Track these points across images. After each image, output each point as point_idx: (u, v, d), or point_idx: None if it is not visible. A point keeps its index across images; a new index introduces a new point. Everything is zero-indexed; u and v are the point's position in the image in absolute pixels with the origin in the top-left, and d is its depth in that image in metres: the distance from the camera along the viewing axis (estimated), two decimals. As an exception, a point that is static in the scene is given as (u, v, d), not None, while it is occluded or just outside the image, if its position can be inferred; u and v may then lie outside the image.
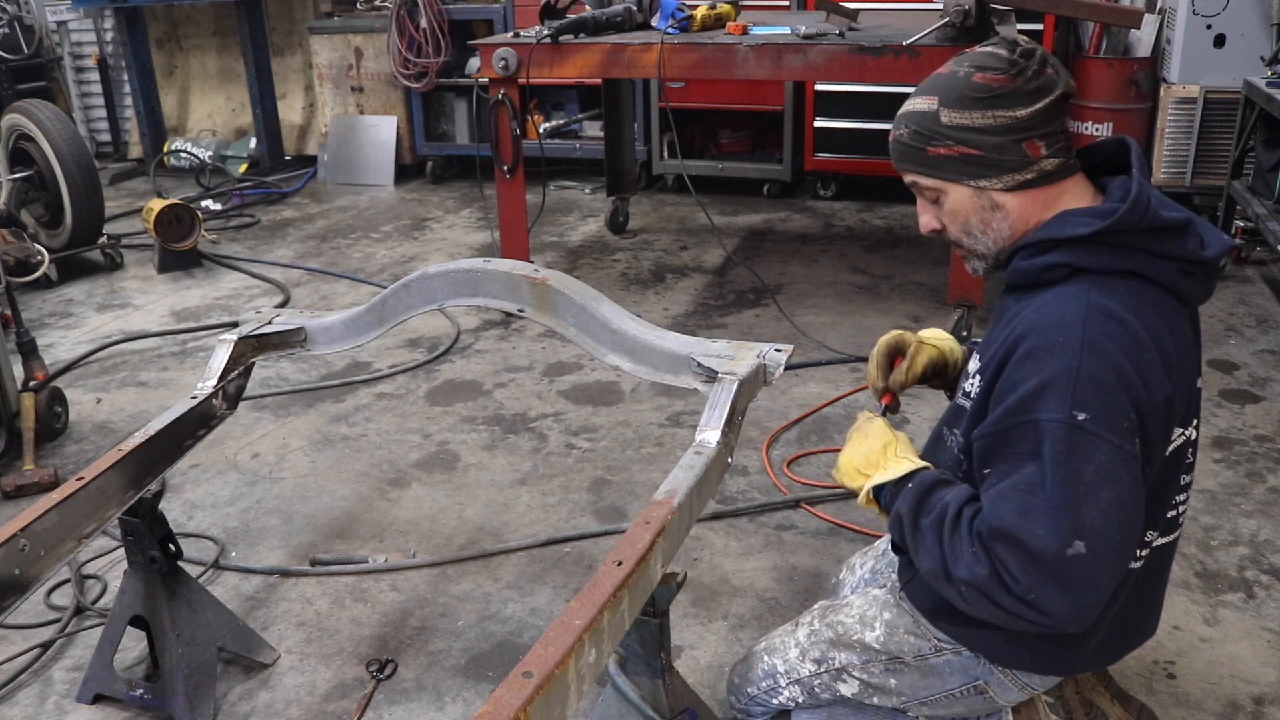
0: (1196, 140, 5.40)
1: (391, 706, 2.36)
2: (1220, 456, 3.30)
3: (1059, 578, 1.38)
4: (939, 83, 1.54)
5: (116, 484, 2.07)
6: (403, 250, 5.67)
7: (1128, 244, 1.46)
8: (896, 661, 1.74)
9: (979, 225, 1.57)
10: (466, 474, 3.35)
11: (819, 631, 1.82)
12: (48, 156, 5.17)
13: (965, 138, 1.50)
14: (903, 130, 1.57)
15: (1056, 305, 1.45)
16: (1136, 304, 1.45)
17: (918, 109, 1.55)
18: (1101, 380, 1.38)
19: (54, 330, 4.65)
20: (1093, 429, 1.37)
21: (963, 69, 1.52)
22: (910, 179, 1.60)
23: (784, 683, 1.82)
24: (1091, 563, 1.38)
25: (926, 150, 1.54)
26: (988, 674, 1.69)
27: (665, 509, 1.64)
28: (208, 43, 7.81)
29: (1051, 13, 5.00)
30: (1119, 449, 1.38)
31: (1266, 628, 2.52)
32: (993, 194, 1.53)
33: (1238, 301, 4.57)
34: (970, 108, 1.49)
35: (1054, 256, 1.48)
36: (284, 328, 2.44)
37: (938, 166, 1.54)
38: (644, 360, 2.06)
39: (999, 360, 1.48)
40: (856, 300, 4.71)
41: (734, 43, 4.01)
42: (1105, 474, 1.38)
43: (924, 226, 1.64)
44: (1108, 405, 1.38)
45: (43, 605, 2.73)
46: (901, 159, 1.60)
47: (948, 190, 1.56)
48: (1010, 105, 1.48)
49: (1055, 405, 1.38)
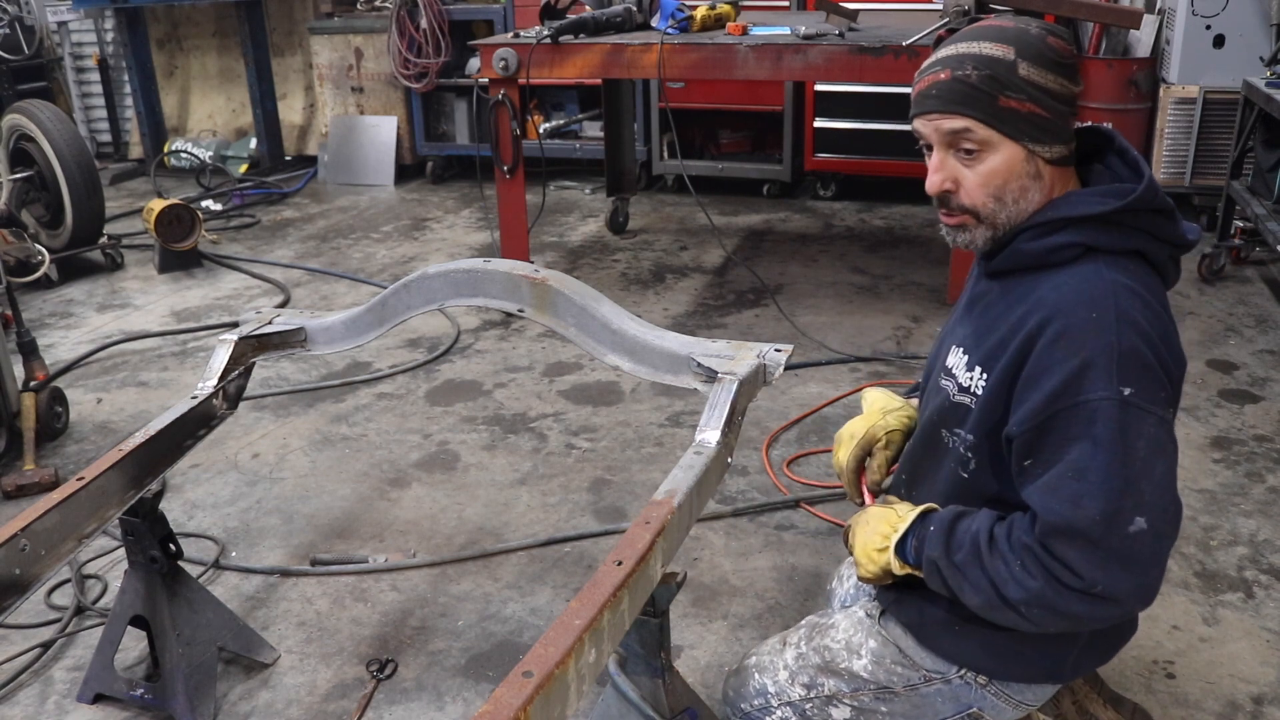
0: (1196, 140, 5.41)
1: (392, 706, 2.37)
2: (1219, 456, 3.30)
3: (1124, 559, 1.36)
4: (1012, 34, 1.47)
5: (117, 484, 2.07)
6: (403, 250, 5.68)
7: (1136, 224, 1.47)
8: (886, 691, 1.70)
9: (1016, 191, 1.48)
10: (466, 474, 3.35)
11: (806, 655, 1.77)
12: (48, 157, 5.18)
13: (1039, 97, 1.45)
14: (969, 71, 1.44)
15: (1077, 283, 1.43)
16: (1144, 282, 1.46)
17: (990, 54, 1.44)
18: (1141, 354, 1.38)
19: (54, 330, 4.66)
20: (1139, 403, 1.37)
21: (1033, 29, 1.47)
22: (962, 124, 1.46)
23: (775, 703, 1.78)
24: (1154, 538, 1.37)
25: (998, 98, 1.44)
26: (980, 699, 1.65)
27: (665, 509, 1.64)
28: (208, 43, 7.81)
29: (1051, 13, 4.99)
30: (1162, 419, 1.39)
31: (1266, 627, 2.52)
32: (1039, 161, 1.48)
33: (1237, 301, 4.58)
34: (1048, 69, 1.45)
35: (1066, 236, 1.46)
36: (284, 328, 2.45)
37: (1003, 119, 1.44)
38: (644, 360, 2.06)
39: (1019, 348, 1.45)
40: (856, 300, 4.71)
41: (734, 43, 4.02)
42: (1155, 447, 1.38)
43: (934, 186, 1.52)
44: (1149, 378, 1.38)
45: (43, 605, 2.74)
46: (961, 101, 1.45)
47: (1000, 147, 1.46)
48: (1074, 78, 1.47)
49: (1102, 383, 1.36)
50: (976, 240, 1.55)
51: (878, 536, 1.58)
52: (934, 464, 1.64)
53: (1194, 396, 3.70)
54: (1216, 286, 4.75)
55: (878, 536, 1.58)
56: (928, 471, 1.66)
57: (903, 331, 4.33)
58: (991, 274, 1.58)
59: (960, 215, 1.53)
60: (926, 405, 1.70)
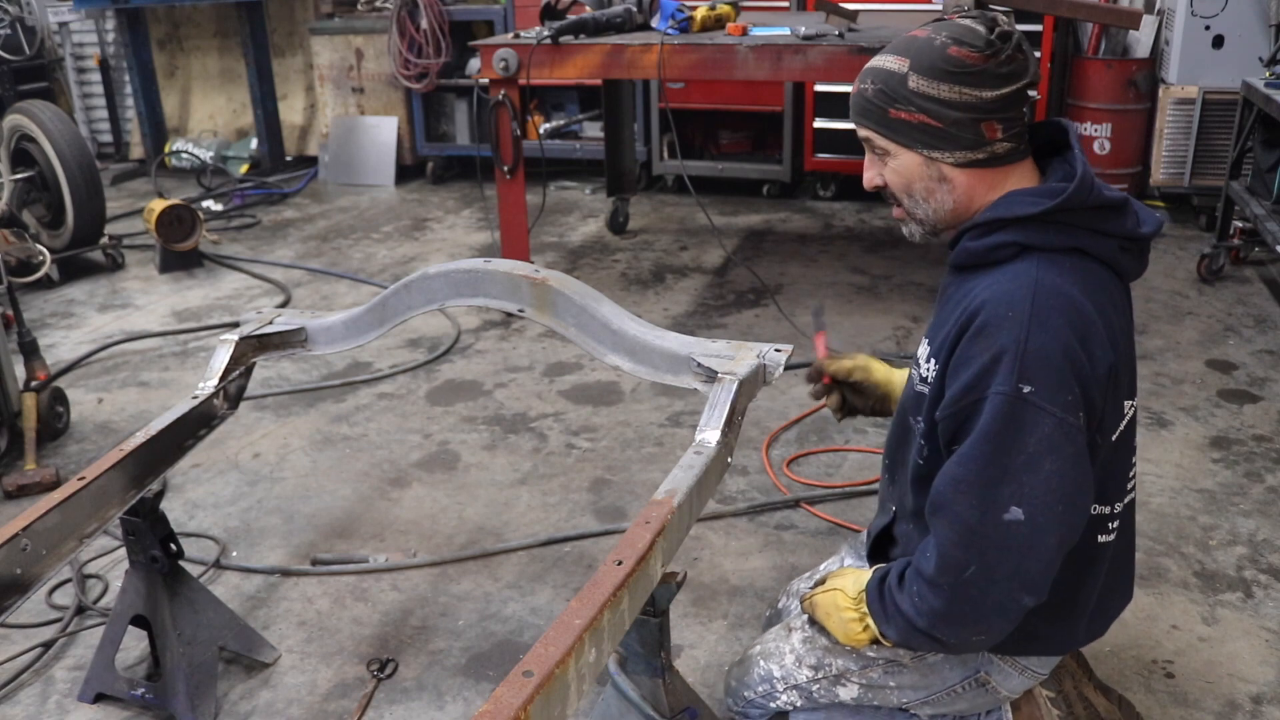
0: (1195, 141, 5.42)
1: (392, 706, 2.37)
2: (1219, 456, 3.31)
3: (998, 545, 1.43)
4: (913, 46, 1.53)
5: (118, 484, 2.07)
6: (403, 250, 5.68)
7: (1073, 222, 1.50)
8: (894, 664, 1.73)
9: (922, 192, 1.58)
10: (467, 474, 3.36)
11: (813, 638, 1.80)
12: (49, 157, 5.18)
13: (928, 107, 1.51)
14: (867, 85, 1.56)
15: (1005, 282, 1.48)
16: (1082, 280, 1.49)
17: (887, 67, 1.54)
18: (1048, 354, 1.42)
19: (55, 330, 4.66)
20: (1037, 401, 1.41)
21: (940, 38, 1.51)
22: (865, 134, 1.60)
23: (781, 688, 1.81)
24: (1031, 530, 1.42)
25: (888, 111, 1.54)
26: (987, 664, 1.69)
27: (665, 509, 1.65)
28: (209, 44, 7.81)
29: (1050, 13, 5.00)
30: (1062, 421, 1.42)
31: (1265, 627, 2.52)
32: (942, 166, 1.55)
33: (1236, 302, 4.58)
34: (939, 79, 1.49)
35: (1002, 236, 1.51)
36: (285, 328, 2.45)
37: (895, 129, 1.55)
38: (644, 360, 2.06)
39: (952, 339, 1.50)
40: (856, 300, 4.71)
41: (734, 43, 4.02)
42: (1047, 445, 1.41)
43: (867, 182, 1.64)
44: (1052, 379, 1.41)
45: (44, 604, 2.74)
46: (861, 113, 1.59)
47: (899, 153, 1.57)
48: (978, 85, 1.49)
49: (1003, 379, 1.42)
50: (914, 232, 1.66)
51: (854, 626, 1.66)
52: (905, 450, 1.70)
53: (1193, 396, 3.71)
54: (1216, 286, 4.75)
55: (854, 626, 1.66)
56: (903, 456, 1.71)
57: (902, 331, 4.33)
58: (951, 267, 1.65)
59: (897, 208, 1.65)
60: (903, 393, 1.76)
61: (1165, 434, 3.45)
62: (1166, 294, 4.68)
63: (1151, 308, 4.49)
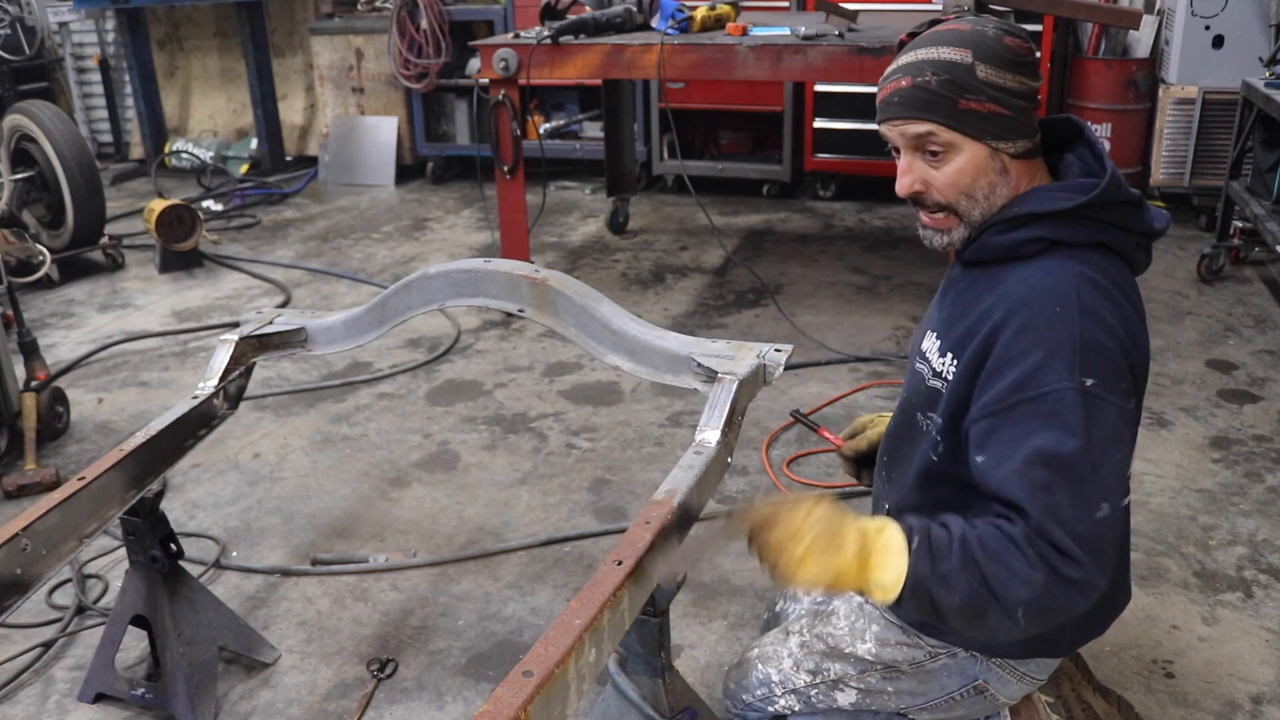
0: (1195, 141, 5.41)
1: (392, 705, 2.37)
2: (1219, 456, 3.31)
3: (1093, 544, 1.38)
4: (969, 38, 1.50)
5: (118, 483, 2.07)
6: (403, 250, 5.68)
7: (1101, 218, 1.50)
8: (892, 670, 1.73)
9: (985, 188, 1.52)
10: (467, 474, 3.36)
11: (810, 643, 1.80)
12: (49, 157, 5.18)
13: (998, 96, 1.48)
14: (929, 77, 1.48)
15: (1042, 277, 1.47)
16: (1110, 273, 1.49)
17: (948, 59, 1.48)
18: (1102, 345, 1.41)
19: (55, 330, 4.66)
20: (1101, 393, 1.40)
21: (990, 29, 1.51)
22: (924, 129, 1.50)
23: (779, 692, 1.81)
24: (1112, 525, 1.41)
25: (958, 102, 1.47)
26: (986, 671, 1.69)
27: (665, 509, 1.65)
28: (209, 44, 7.81)
29: (1050, 13, 5.01)
30: (1122, 410, 1.42)
31: (1265, 627, 2.52)
32: (1004, 157, 1.52)
33: (1236, 302, 4.58)
34: (1005, 68, 1.49)
35: (1032, 230, 1.50)
36: (285, 328, 2.45)
37: (965, 121, 1.48)
38: (644, 360, 2.06)
39: (985, 337, 1.48)
40: (856, 300, 4.71)
41: (734, 43, 4.02)
42: (1114, 436, 1.41)
43: (904, 188, 1.56)
44: (1110, 369, 1.41)
45: (44, 604, 2.74)
46: (923, 107, 1.49)
47: (964, 147, 1.50)
48: (1032, 74, 1.51)
49: (1065, 375, 1.40)
50: (954, 240, 1.57)
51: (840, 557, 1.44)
52: (910, 446, 1.67)
53: (1193, 396, 3.70)
54: (1215, 286, 4.75)
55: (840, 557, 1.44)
56: (905, 453, 1.68)
57: (902, 331, 4.33)
58: (963, 262, 1.62)
59: (939, 212, 1.56)
60: (905, 387, 1.73)
61: (1165, 434, 3.45)
62: (1166, 294, 4.68)
63: (1152, 308, 4.49)
